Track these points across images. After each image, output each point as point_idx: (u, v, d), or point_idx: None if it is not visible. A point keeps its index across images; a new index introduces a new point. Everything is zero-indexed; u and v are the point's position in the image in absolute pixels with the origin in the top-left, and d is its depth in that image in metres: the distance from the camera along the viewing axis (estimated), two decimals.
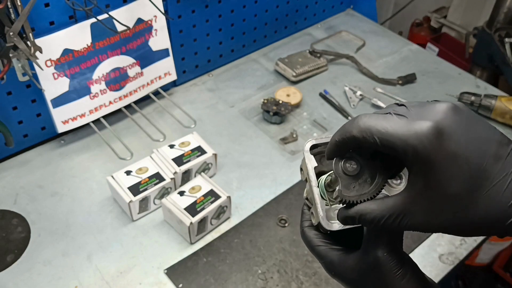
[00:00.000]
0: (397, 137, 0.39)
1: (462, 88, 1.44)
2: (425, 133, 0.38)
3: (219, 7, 1.39)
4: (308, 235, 0.50)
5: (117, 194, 1.08)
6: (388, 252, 0.44)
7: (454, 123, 0.38)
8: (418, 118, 0.39)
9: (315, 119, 1.37)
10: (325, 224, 0.48)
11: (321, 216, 0.48)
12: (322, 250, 0.49)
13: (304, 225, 0.51)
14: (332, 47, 1.62)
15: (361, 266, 0.46)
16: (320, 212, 0.48)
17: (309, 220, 0.51)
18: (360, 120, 0.41)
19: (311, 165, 0.50)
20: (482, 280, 1.97)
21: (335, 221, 0.48)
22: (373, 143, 0.40)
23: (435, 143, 0.38)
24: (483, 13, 1.98)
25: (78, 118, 1.22)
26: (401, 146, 0.39)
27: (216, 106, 1.40)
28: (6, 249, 1.02)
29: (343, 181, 0.45)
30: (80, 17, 1.12)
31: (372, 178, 0.45)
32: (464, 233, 0.41)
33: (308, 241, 0.50)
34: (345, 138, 0.42)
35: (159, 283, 0.99)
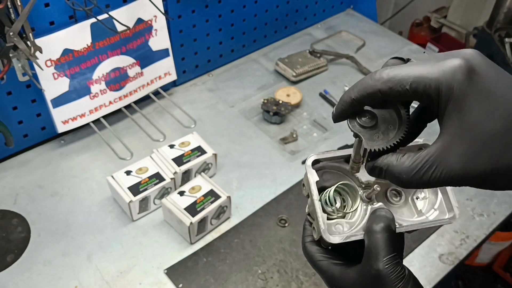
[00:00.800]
0: (428, 78, 0.37)
1: None
2: (457, 69, 0.37)
3: (219, 7, 1.39)
4: (310, 250, 0.50)
5: (117, 194, 1.08)
6: (388, 265, 0.44)
7: (483, 62, 0.37)
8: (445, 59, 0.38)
9: (315, 119, 1.37)
10: (327, 237, 0.48)
11: (322, 229, 0.48)
12: (323, 265, 0.49)
13: (306, 240, 0.51)
14: (332, 47, 1.62)
15: (362, 279, 0.45)
16: (321, 225, 0.48)
17: (310, 236, 0.51)
18: (381, 73, 0.40)
19: (313, 179, 0.51)
20: (482, 280, 1.97)
21: (336, 234, 0.49)
22: (401, 91, 0.39)
23: (467, 78, 0.36)
24: (483, 13, 1.98)
25: (78, 118, 1.22)
26: (434, 86, 0.37)
27: (216, 106, 1.40)
28: (6, 249, 1.02)
29: (365, 134, 0.43)
30: (80, 17, 1.12)
31: (394, 123, 0.44)
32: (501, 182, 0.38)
33: (309, 256, 0.50)
34: (367, 93, 0.41)
35: (159, 283, 0.99)
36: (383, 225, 0.46)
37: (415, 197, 0.54)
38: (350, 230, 0.51)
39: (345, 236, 0.49)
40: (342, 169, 0.53)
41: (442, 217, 0.52)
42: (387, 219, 0.48)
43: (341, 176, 0.53)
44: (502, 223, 1.15)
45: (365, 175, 0.50)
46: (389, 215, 0.48)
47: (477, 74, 0.37)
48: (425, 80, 0.38)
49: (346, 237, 0.49)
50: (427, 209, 0.53)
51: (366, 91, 0.41)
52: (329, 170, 0.53)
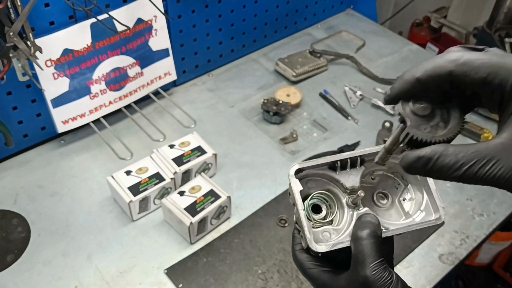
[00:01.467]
0: (508, 71, 0.36)
1: None
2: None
3: (219, 7, 1.39)
4: (300, 258, 0.51)
5: (117, 194, 1.08)
6: (376, 271, 0.44)
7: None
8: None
9: (315, 119, 1.37)
10: (313, 246, 0.49)
11: (308, 238, 0.49)
12: (313, 273, 0.49)
13: (296, 248, 0.51)
14: (332, 47, 1.62)
15: (351, 286, 0.46)
16: (307, 235, 0.49)
17: (299, 244, 0.52)
18: (456, 54, 0.37)
19: (297, 189, 0.51)
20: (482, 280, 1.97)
21: (323, 243, 0.50)
22: (475, 79, 0.37)
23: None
24: (483, 13, 1.98)
25: (78, 118, 1.22)
26: (511, 81, 0.35)
27: (216, 106, 1.40)
28: (6, 249, 1.02)
29: (413, 121, 0.40)
30: (80, 17, 1.12)
31: (445, 122, 0.41)
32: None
33: (300, 264, 0.51)
34: (435, 74, 0.38)
35: (159, 283, 0.99)
36: (368, 231, 0.47)
37: (401, 199, 0.54)
38: (338, 237, 0.51)
39: (331, 244, 0.49)
40: (327, 176, 0.54)
41: (429, 219, 0.52)
42: (372, 225, 0.48)
43: (325, 183, 0.54)
44: (502, 223, 1.15)
45: (350, 180, 0.53)
46: (374, 220, 0.49)
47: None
48: (504, 73, 0.36)
49: (333, 245, 0.49)
50: (414, 210, 0.53)
51: (434, 71, 0.38)
52: (313, 178, 0.54)
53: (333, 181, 0.54)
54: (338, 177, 0.53)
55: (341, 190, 0.53)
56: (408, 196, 0.54)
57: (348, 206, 0.52)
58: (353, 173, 0.53)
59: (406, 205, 0.54)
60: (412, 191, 0.54)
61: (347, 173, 0.53)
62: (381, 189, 0.54)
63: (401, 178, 0.55)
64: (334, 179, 0.53)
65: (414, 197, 0.54)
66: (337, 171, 0.53)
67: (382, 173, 0.55)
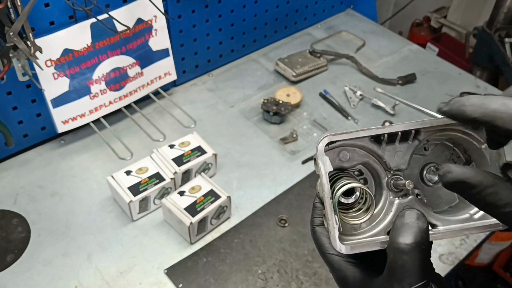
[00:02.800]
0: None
1: (462, 88, 1.44)
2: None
3: (219, 7, 1.39)
4: (319, 237, 0.43)
5: (117, 194, 1.08)
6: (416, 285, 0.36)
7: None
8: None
9: (315, 119, 1.37)
10: (337, 245, 0.40)
11: (331, 235, 0.40)
12: (335, 261, 0.42)
13: (315, 222, 0.43)
14: (332, 47, 1.62)
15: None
16: (331, 231, 0.40)
17: (320, 217, 0.43)
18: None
19: (325, 170, 0.40)
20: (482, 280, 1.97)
21: (350, 239, 0.41)
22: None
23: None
24: (483, 13, 1.98)
25: (78, 118, 1.22)
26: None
27: (216, 106, 1.40)
28: (6, 249, 1.02)
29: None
30: (80, 17, 1.12)
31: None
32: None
33: (319, 245, 0.43)
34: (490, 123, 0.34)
35: (159, 283, 0.99)
36: (413, 241, 0.37)
37: None
38: (369, 228, 0.42)
39: (359, 244, 0.41)
40: (367, 148, 0.43)
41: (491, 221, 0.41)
42: (419, 231, 0.38)
43: (364, 155, 0.43)
44: None
45: (396, 158, 0.42)
46: (421, 223, 0.39)
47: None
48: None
49: (361, 246, 0.40)
50: None
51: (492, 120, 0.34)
52: (347, 148, 0.43)
53: (374, 155, 0.43)
54: (381, 153, 0.42)
55: (383, 167, 0.43)
56: None
57: (389, 189, 0.43)
58: (402, 149, 0.42)
59: None
60: None
61: (394, 148, 0.42)
62: (434, 161, 0.44)
63: (463, 151, 0.44)
64: (376, 154, 0.43)
65: None
66: (381, 144, 0.42)
67: (440, 142, 0.44)
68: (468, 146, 0.43)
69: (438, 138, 0.44)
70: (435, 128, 0.42)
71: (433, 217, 0.42)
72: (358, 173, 0.44)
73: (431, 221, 0.41)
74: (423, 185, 0.43)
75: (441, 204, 0.43)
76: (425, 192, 0.43)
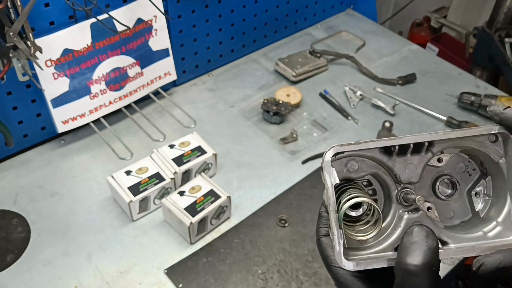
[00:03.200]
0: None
1: (462, 88, 1.44)
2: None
3: (219, 7, 1.39)
4: (325, 248, 0.41)
5: (117, 194, 1.08)
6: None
7: None
8: None
9: (315, 119, 1.37)
10: (342, 261, 0.38)
11: (336, 250, 0.38)
12: (341, 274, 0.40)
13: (321, 233, 0.41)
14: (332, 47, 1.62)
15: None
16: (336, 246, 0.38)
17: (326, 227, 0.42)
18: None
19: (331, 182, 0.38)
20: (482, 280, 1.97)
21: (355, 255, 0.39)
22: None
23: None
24: (483, 13, 1.98)
25: (78, 118, 1.22)
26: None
27: (216, 106, 1.40)
28: (6, 249, 1.02)
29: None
30: (80, 17, 1.12)
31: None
32: None
33: (324, 256, 0.41)
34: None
35: (159, 283, 0.99)
36: (422, 263, 0.35)
37: (473, 192, 0.42)
38: (376, 243, 0.40)
39: (364, 261, 0.38)
40: (376, 159, 0.41)
41: (506, 236, 0.39)
42: (429, 251, 0.35)
43: (373, 166, 0.41)
44: None
45: (408, 171, 0.40)
46: (431, 241, 0.36)
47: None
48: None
49: (367, 263, 0.38)
50: (488, 216, 0.40)
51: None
52: (356, 158, 0.41)
53: (383, 166, 0.41)
54: (391, 164, 0.40)
55: (393, 179, 0.41)
56: (482, 190, 0.42)
57: (399, 202, 0.40)
58: (414, 162, 0.40)
59: (477, 201, 0.41)
60: (491, 187, 0.41)
61: (405, 160, 0.40)
62: (448, 174, 0.41)
63: (480, 164, 0.42)
64: (386, 166, 0.41)
65: (491, 196, 0.41)
66: (392, 156, 0.40)
67: (454, 153, 0.42)
68: (485, 158, 0.41)
69: (453, 150, 0.42)
70: (450, 141, 0.40)
71: (444, 234, 0.40)
72: (367, 183, 0.42)
73: (441, 237, 0.39)
74: (435, 197, 0.42)
75: (453, 219, 0.41)
76: (437, 205, 0.41)
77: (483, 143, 0.40)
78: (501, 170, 0.40)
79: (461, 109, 1.41)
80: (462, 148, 0.41)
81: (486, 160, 0.41)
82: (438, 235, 0.39)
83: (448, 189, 0.41)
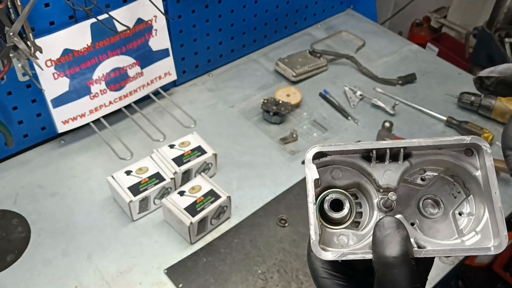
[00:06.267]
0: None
1: (462, 88, 1.44)
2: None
3: (219, 7, 1.39)
4: (314, 261, 0.42)
5: (117, 194, 1.08)
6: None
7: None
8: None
9: (315, 119, 1.37)
10: (317, 250, 0.40)
11: (312, 240, 0.40)
12: (326, 284, 0.41)
13: (310, 248, 0.42)
14: (332, 47, 1.62)
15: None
16: (312, 235, 0.40)
17: None
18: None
19: (311, 176, 0.42)
20: (482, 280, 1.97)
21: (333, 249, 0.40)
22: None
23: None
24: (483, 13, 1.98)
25: (78, 118, 1.22)
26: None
27: (216, 106, 1.40)
28: (6, 249, 1.02)
29: None
30: (80, 17, 1.12)
31: None
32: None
33: (312, 269, 0.42)
34: None
35: (159, 283, 0.99)
36: (400, 254, 0.36)
37: (457, 212, 0.43)
38: (356, 245, 0.42)
39: (341, 253, 0.39)
40: (357, 166, 0.43)
41: (484, 245, 0.40)
42: (403, 240, 0.37)
43: (356, 174, 0.43)
44: None
45: (386, 177, 0.42)
46: (402, 231, 0.37)
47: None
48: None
49: (342, 254, 0.39)
50: (470, 230, 0.42)
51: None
52: (340, 166, 0.44)
53: (365, 173, 0.43)
54: (371, 170, 0.42)
55: (374, 187, 0.43)
56: (466, 210, 0.43)
57: (380, 209, 0.42)
58: (392, 169, 0.42)
59: (461, 220, 0.42)
60: (474, 205, 0.42)
61: (384, 167, 0.42)
62: (433, 194, 0.43)
63: (463, 185, 0.43)
64: (366, 172, 0.43)
65: (474, 213, 0.42)
66: (371, 162, 0.42)
67: (438, 174, 0.43)
68: (465, 175, 0.43)
69: (435, 169, 0.43)
70: (423, 149, 0.42)
71: (422, 239, 0.41)
72: (354, 197, 0.44)
73: (419, 242, 0.40)
74: (421, 216, 0.43)
75: (438, 238, 0.42)
76: (423, 224, 0.43)
77: (459, 157, 0.42)
78: (479, 182, 0.41)
79: (461, 109, 1.41)
80: (443, 166, 0.43)
81: (466, 177, 0.43)
82: (417, 241, 0.40)
83: (433, 208, 0.43)
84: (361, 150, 0.42)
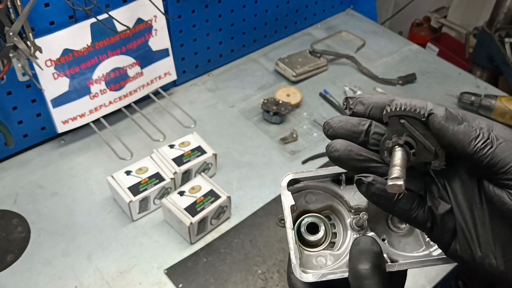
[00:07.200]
0: None
1: (462, 88, 1.44)
2: None
3: (219, 7, 1.39)
4: (294, 282, 0.43)
5: (117, 194, 1.08)
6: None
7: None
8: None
9: (315, 119, 1.37)
10: (298, 273, 0.42)
11: (293, 264, 0.42)
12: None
13: (290, 271, 0.44)
14: (332, 47, 1.62)
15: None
16: (293, 260, 0.42)
17: None
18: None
19: (287, 203, 0.45)
20: None
21: (313, 271, 0.42)
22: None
23: None
24: (483, 13, 1.98)
25: (78, 118, 1.22)
26: None
27: (216, 106, 1.40)
28: (6, 249, 1.02)
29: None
30: (80, 17, 1.12)
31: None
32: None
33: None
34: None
35: (159, 283, 0.99)
36: (371, 265, 0.39)
37: None
38: (334, 265, 0.44)
39: (320, 274, 0.42)
40: (329, 190, 0.46)
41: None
42: (375, 255, 0.40)
43: (328, 197, 0.47)
44: None
45: (356, 198, 0.45)
46: (376, 248, 0.41)
47: None
48: None
49: (322, 275, 0.42)
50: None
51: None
52: (313, 191, 0.47)
53: (336, 196, 0.46)
54: (342, 193, 0.45)
55: (345, 208, 0.46)
56: None
57: (352, 228, 0.45)
58: None
59: None
60: None
61: (353, 188, 0.45)
62: None
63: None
64: (338, 195, 0.46)
65: None
66: (341, 185, 0.46)
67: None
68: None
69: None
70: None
71: (394, 253, 0.44)
72: (328, 219, 0.47)
73: (392, 257, 0.43)
74: (391, 232, 0.46)
75: (407, 251, 0.45)
76: (393, 239, 0.46)
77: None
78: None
79: (461, 109, 1.41)
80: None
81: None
82: (390, 255, 0.43)
83: (400, 223, 0.45)
84: (331, 174, 0.45)
